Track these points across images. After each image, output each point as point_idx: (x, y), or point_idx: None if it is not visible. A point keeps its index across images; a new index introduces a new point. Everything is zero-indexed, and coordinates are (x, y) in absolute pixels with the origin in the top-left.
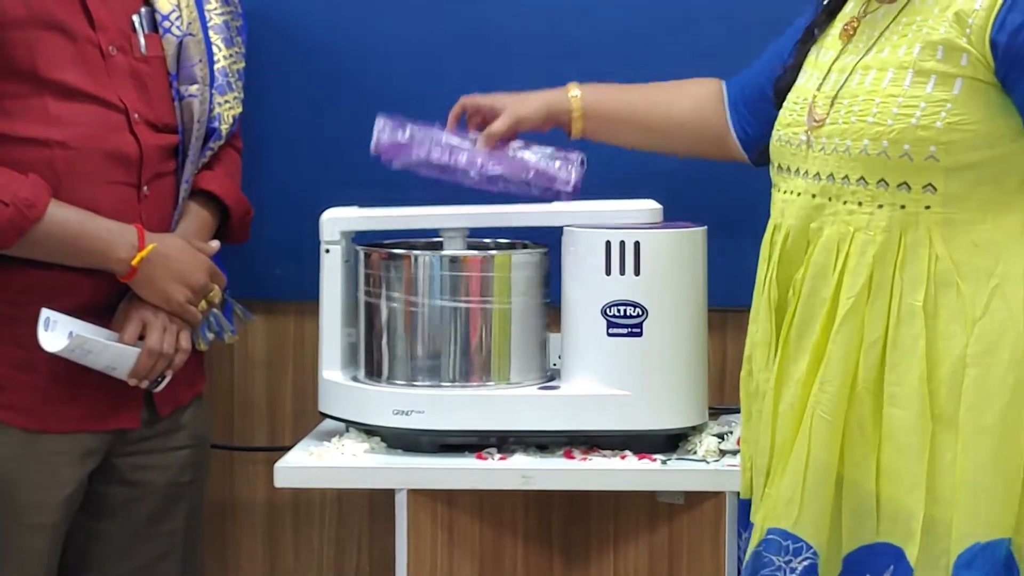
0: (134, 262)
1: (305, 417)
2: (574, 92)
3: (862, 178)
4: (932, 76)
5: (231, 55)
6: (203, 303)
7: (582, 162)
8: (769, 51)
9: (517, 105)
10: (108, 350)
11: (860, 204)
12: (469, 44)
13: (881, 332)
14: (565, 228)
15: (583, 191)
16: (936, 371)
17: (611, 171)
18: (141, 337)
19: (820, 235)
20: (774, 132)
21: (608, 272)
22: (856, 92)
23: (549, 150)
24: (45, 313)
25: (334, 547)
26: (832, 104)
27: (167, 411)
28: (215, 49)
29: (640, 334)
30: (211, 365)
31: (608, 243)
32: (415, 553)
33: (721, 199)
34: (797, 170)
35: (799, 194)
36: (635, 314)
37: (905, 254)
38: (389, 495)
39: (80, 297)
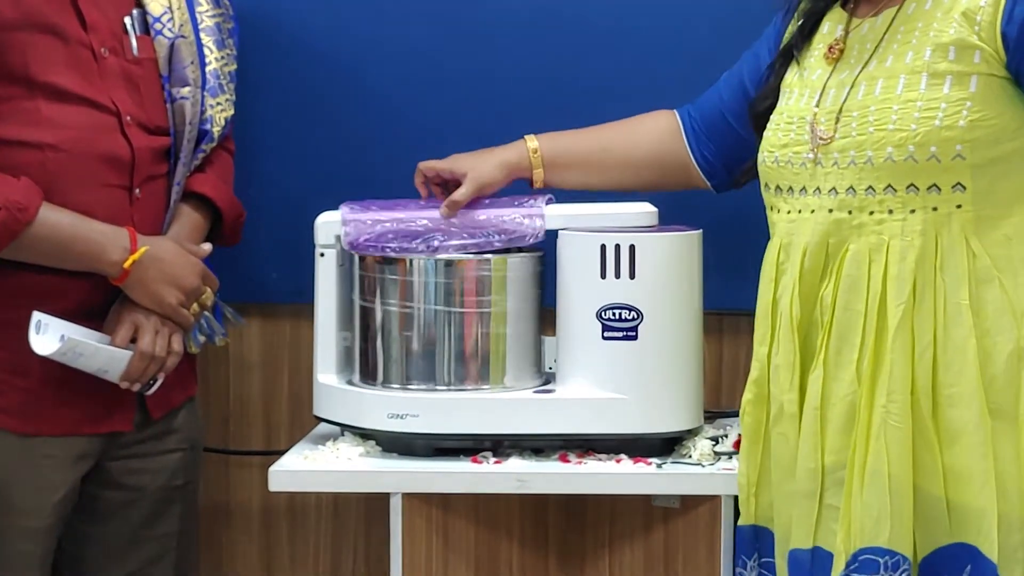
0: (126, 265)
1: (300, 421)
2: (532, 145)
3: (889, 186)
4: (947, 77)
5: (223, 57)
6: (195, 306)
7: (548, 201)
8: (724, 80)
9: (478, 170)
10: (100, 353)
11: (891, 212)
12: (462, 46)
13: (931, 335)
14: (560, 231)
15: (578, 195)
16: (989, 367)
17: None
18: (133, 340)
19: (844, 249)
20: (765, 154)
21: (603, 275)
22: (865, 103)
23: (513, 209)
24: (36, 316)
25: (329, 551)
26: (838, 120)
27: (159, 414)
28: (206, 51)
29: (635, 337)
30: (206, 369)
31: (603, 246)
32: (410, 557)
33: (716, 202)
34: (803, 189)
35: (813, 211)
36: (630, 317)
37: (943, 255)
38: (384, 499)
39: (72, 300)
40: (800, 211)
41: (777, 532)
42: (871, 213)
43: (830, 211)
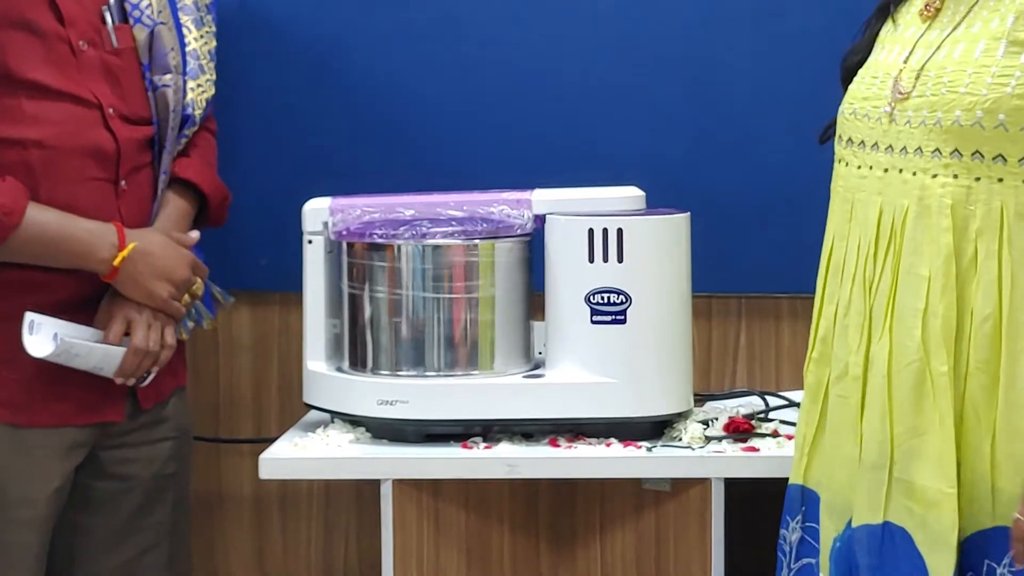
0: (116, 262)
1: (291, 408)
2: None
3: (956, 150)
4: None
5: (202, 36)
6: (186, 296)
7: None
8: None
9: None
10: (94, 352)
11: (955, 177)
12: (451, 32)
13: (993, 308)
14: (548, 216)
15: (566, 179)
16: None
17: (593, 158)
18: (126, 334)
19: (907, 210)
20: (845, 105)
21: (591, 259)
22: (944, 64)
23: (503, 204)
24: (29, 317)
25: (321, 538)
26: (918, 77)
27: (150, 404)
28: (185, 31)
29: (624, 321)
30: (196, 357)
31: (591, 230)
32: (401, 543)
33: (704, 185)
34: (876, 144)
35: (886, 170)
36: (619, 301)
37: (1009, 228)
38: (375, 485)
39: (62, 293)
40: (871, 167)
41: (824, 496)
42: (934, 176)
43: (900, 171)
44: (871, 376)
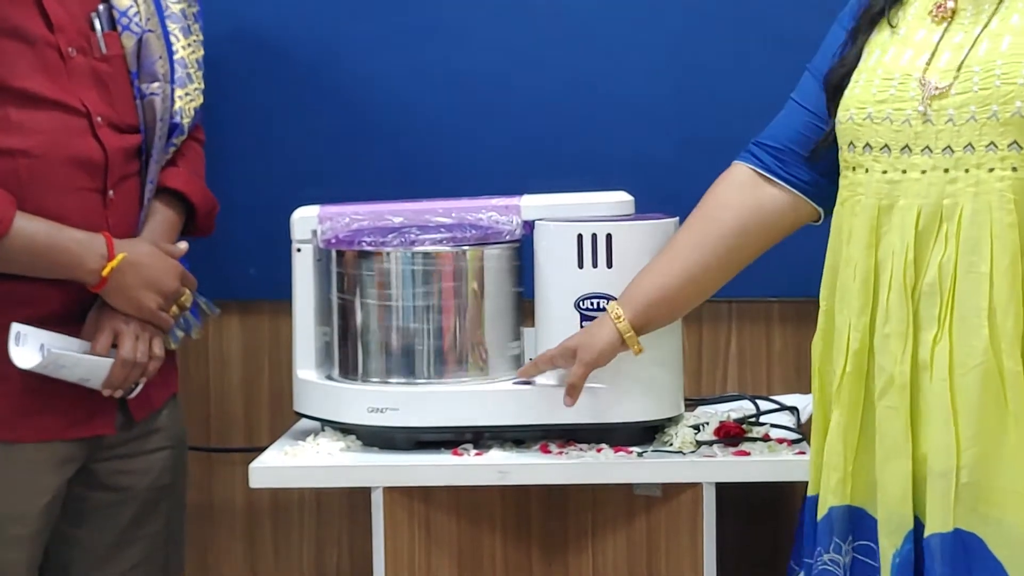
0: (104, 272)
1: (282, 417)
2: (616, 313)
3: (1015, 142)
4: None
5: (189, 44)
6: (174, 308)
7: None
8: (797, 100)
9: (588, 353)
10: (81, 363)
11: (1014, 169)
12: (438, 39)
13: None
14: (537, 222)
15: (554, 184)
16: None
17: (581, 163)
18: (114, 346)
19: (959, 209)
20: (852, 111)
21: (580, 265)
22: (990, 59)
23: (492, 210)
24: (15, 328)
25: (313, 547)
26: (957, 75)
27: (141, 416)
28: (173, 40)
29: None
30: (186, 367)
31: (580, 236)
32: (393, 551)
33: (692, 190)
34: (907, 147)
35: (924, 172)
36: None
37: None
38: (367, 493)
39: (49, 306)
40: (904, 171)
41: (881, 514)
42: (991, 170)
43: (945, 171)
44: (924, 382)
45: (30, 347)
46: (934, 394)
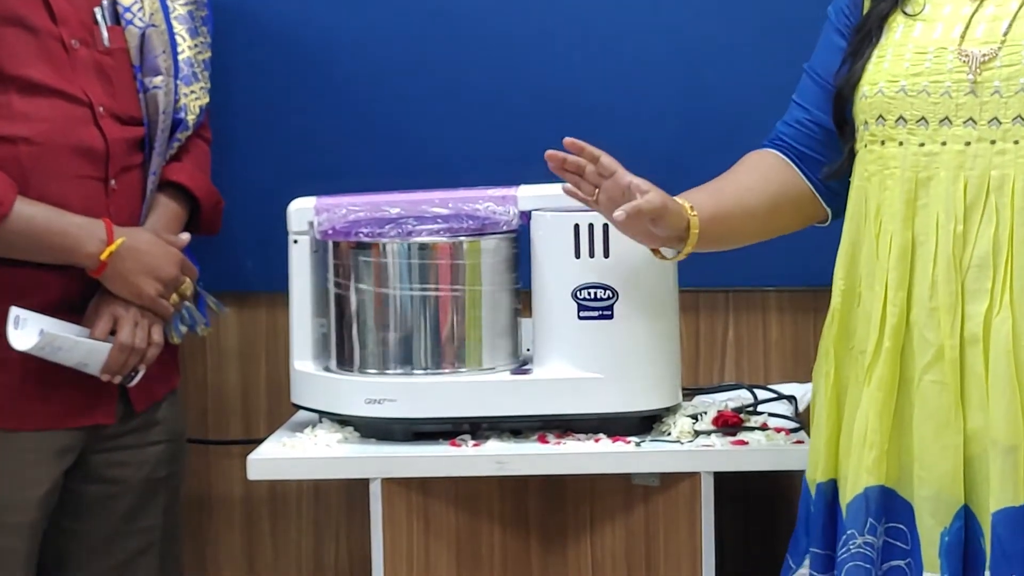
0: (103, 257)
1: (279, 409)
2: (691, 208)
3: None
4: None
5: (196, 45)
6: (175, 296)
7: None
8: (801, 100)
9: (663, 196)
10: (79, 346)
11: None
12: (435, 30)
13: None
14: (534, 212)
15: (551, 175)
16: None
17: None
18: (113, 332)
19: (1010, 181)
20: (882, 84)
21: (577, 255)
22: None
23: (489, 201)
24: (14, 311)
25: (312, 538)
26: (1001, 47)
27: (143, 407)
28: (179, 39)
29: (611, 316)
30: (183, 360)
31: (576, 226)
32: (391, 542)
33: (688, 178)
34: (946, 119)
35: (968, 143)
36: (605, 297)
37: None
38: (365, 485)
39: (50, 294)
40: (944, 143)
41: (925, 492)
42: None
43: (992, 142)
44: (973, 356)
45: (28, 330)
46: (994, 367)
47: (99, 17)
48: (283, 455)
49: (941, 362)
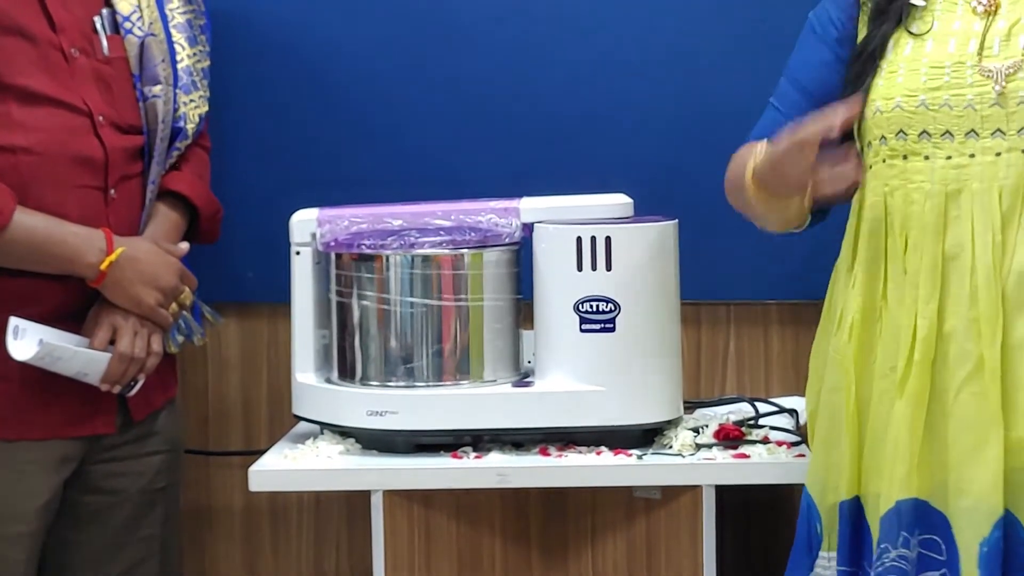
0: (103, 267)
1: (280, 420)
2: None
3: None
4: None
5: (195, 54)
6: (174, 305)
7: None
8: (778, 112)
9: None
10: (78, 356)
11: None
12: (437, 42)
13: None
14: (536, 224)
15: (554, 187)
16: None
17: (581, 166)
18: (112, 342)
19: None
20: (900, 99)
21: (580, 268)
22: None
23: (491, 213)
24: (14, 321)
25: (312, 550)
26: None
27: (141, 416)
28: (178, 48)
29: (613, 329)
30: (184, 370)
31: (579, 238)
32: (392, 554)
33: (692, 192)
34: (973, 132)
35: (999, 154)
36: (608, 309)
37: None
38: (366, 497)
39: (50, 304)
40: (972, 155)
41: (964, 503)
42: None
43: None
44: (1018, 363)
45: (28, 340)
46: (990, 381)
47: (98, 26)
48: (284, 467)
49: (981, 372)
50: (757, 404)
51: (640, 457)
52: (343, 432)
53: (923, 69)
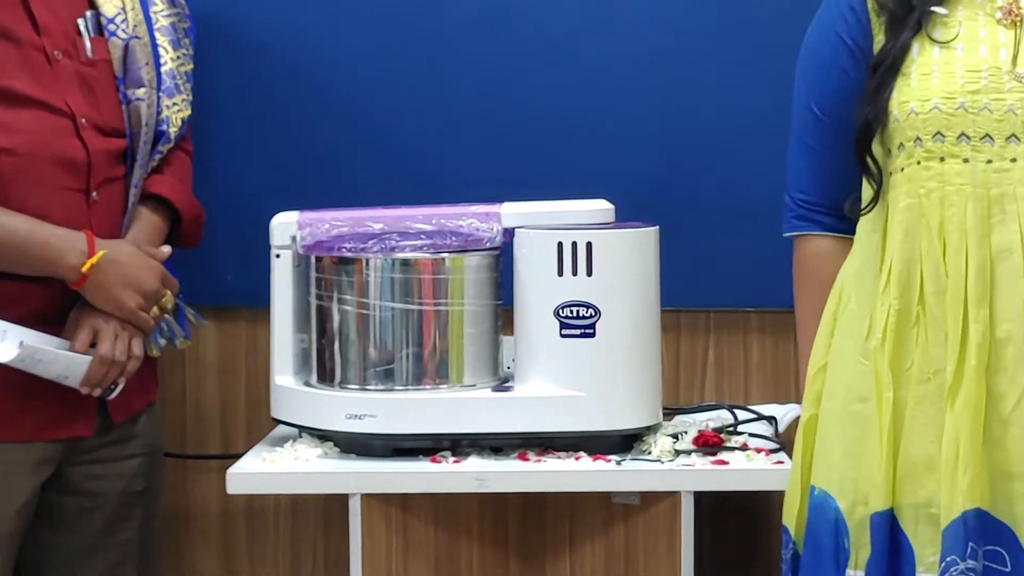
0: (84, 269)
1: (258, 424)
2: None
3: None
4: None
5: (178, 57)
6: (155, 309)
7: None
8: (811, 147)
9: None
10: (59, 359)
11: None
12: (419, 47)
13: None
14: (517, 229)
15: (535, 192)
16: None
17: (562, 171)
18: (93, 344)
19: None
20: (939, 100)
21: (560, 273)
22: None
23: (472, 218)
24: None
25: (289, 554)
26: None
27: (121, 418)
28: (162, 51)
29: (593, 335)
30: (163, 373)
31: (560, 244)
32: (370, 558)
33: (673, 198)
34: (1013, 136)
35: None
36: (588, 315)
37: None
38: (343, 500)
39: (31, 305)
40: (1014, 159)
41: None
42: None
43: None
44: None
45: (8, 342)
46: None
47: (82, 28)
48: (262, 469)
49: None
50: (736, 411)
51: (619, 463)
52: (322, 435)
53: (959, 72)
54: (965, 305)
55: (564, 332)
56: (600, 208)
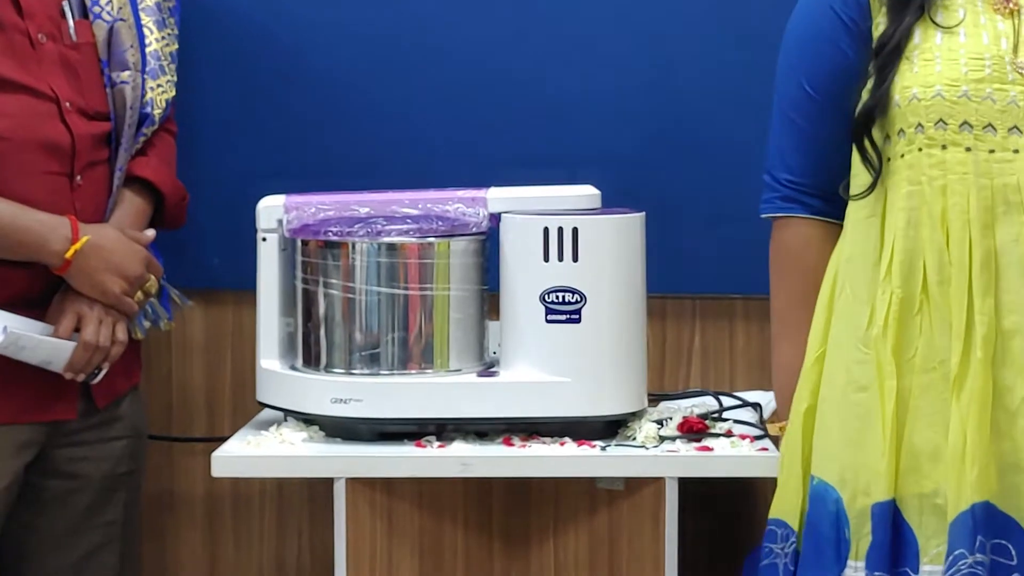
0: (68, 255)
1: (243, 407)
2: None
3: None
4: None
5: (163, 37)
6: (139, 294)
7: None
8: (801, 125)
9: None
10: (43, 345)
11: None
12: (405, 30)
13: None
14: (503, 214)
15: (521, 177)
16: None
17: (548, 157)
18: (77, 330)
19: None
20: (942, 88)
21: (546, 258)
22: None
23: (459, 202)
24: None
25: (274, 537)
26: None
27: (104, 402)
28: (146, 32)
29: (579, 320)
30: (149, 356)
31: (546, 229)
32: (354, 542)
33: (660, 185)
34: (1015, 127)
35: None
36: (573, 300)
37: None
38: (328, 484)
39: (14, 289)
40: (1016, 150)
41: None
42: None
43: None
44: None
45: None
46: None
47: (66, 11)
48: (248, 453)
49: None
50: (721, 398)
51: (604, 448)
52: (307, 419)
53: (962, 60)
54: (969, 295)
55: (550, 318)
56: (586, 194)
